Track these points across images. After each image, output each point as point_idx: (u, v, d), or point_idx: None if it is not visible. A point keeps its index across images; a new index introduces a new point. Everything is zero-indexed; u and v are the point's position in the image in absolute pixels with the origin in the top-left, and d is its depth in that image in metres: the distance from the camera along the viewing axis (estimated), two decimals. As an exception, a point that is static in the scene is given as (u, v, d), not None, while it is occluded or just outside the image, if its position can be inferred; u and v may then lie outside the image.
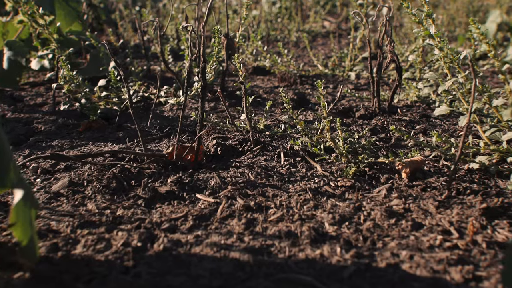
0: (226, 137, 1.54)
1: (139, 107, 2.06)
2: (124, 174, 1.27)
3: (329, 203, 1.13)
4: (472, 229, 0.94)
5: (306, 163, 1.38)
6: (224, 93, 2.34)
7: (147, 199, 1.16)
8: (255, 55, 3.34)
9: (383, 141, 1.63)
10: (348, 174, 1.27)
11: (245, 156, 1.42)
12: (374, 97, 1.96)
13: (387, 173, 1.30)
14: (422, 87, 2.19)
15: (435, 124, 1.83)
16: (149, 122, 1.78)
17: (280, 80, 2.73)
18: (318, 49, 4.11)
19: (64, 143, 1.59)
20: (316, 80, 2.81)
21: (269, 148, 1.48)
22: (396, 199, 1.13)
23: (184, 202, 1.15)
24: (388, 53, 1.86)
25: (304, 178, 1.28)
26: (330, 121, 1.32)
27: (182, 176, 1.26)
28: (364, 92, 2.50)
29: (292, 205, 1.12)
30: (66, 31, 2.76)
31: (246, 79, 2.86)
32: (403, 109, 2.05)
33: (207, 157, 1.43)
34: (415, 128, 1.77)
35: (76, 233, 0.99)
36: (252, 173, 1.29)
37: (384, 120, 1.82)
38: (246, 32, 3.35)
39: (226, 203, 1.13)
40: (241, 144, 1.49)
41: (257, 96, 2.33)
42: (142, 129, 1.73)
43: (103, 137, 1.66)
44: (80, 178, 1.25)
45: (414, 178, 1.27)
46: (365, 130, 1.58)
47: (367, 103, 2.23)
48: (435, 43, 1.37)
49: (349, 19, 6.06)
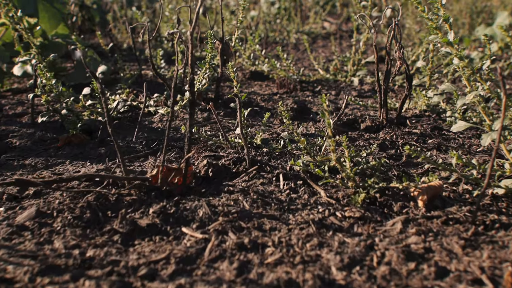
0: (219, 155, 1.38)
1: (126, 118, 1.90)
2: (100, 203, 1.10)
3: (335, 239, 0.97)
4: (510, 280, 0.78)
5: (308, 188, 1.22)
6: (219, 101, 2.18)
7: (125, 234, 1.00)
8: (253, 58, 3.18)
9: (393, 159, 1.47)
10: (357, 202, 1.11)
11: (239, 179, 1.26)
12: (381, 107, 1.80)
13: (400, 200, 1.14)
14: (432, 95, 2.03)
15: (448, 138, 1.67)
16: (135, 136, 1.62)
17: (279, 86, 2.57)
18: (319, 51, 3.95)
19: (38, 162, 1.43)
20: (317, 85, 2.66)
21: (266, 168, 1.32)
22: (414, 235, 0.97)
23: (168, 238, 0.99)
24: (397, 60, 1.70)
25: (306, 206, 1.12)
26: (335, 136, 1.16)
27: (167, 205, 1.09)
28: (369, 99, 2.34)
29: (292, 242, 0.96)
30: (52, 34, 2.60)
31: (243, 85, 2.70)
32: (412, 120, 1.89)
33: (197, 179, 1.27)
34: (427, 143, 1.61)
35: (35, 282, 0.83)
36: (247, 200, 1.13)
37: (393, 134, 1.66)
38: (243, 34, 3.19)
39: (216, 239, 0.97)
40: (236, 164, 1.33)
41: (255, 105, 2.17)
42: (126, 144, 1.57)
43: (83, 154, 1.50)
44: (50, 207, 1.09)
45: (432, 206, 1.11)
46: (373, 147, 1.42)
47: (372, 112, 2.07)
48: (454, 51, 1.21)
49: (350, 19, 5.90)
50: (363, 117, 1.93)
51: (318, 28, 5.10)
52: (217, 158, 1.36)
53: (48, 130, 1.73)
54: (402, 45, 1.69)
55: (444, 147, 1.57)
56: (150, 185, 1.18)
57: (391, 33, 1.73)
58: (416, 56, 2.78)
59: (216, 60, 2.30)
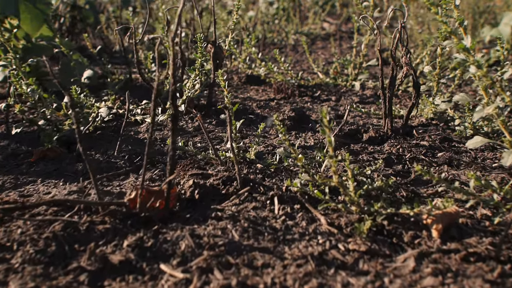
0: (207, 173, 1.24)
1: (110, 127, 1.76)
2: (68, 233, 0.96)
3: (338, 280, 0.83)
4: None
5: (306, 213, 1.08)
6: (213, 108, 2.05)
7: (93, 272, 0.86)
8: (249, 61, 3.04)
9: (401, 175, 1.33)
10: (362, 233, 0.97)
11: (229, 202, 1.12)
12: (386, 116, 1.66)
13: (412, 228, 1.00)
14: (440, 102, 1.89)
15: (459, 151, 1.53)
16: (117, 150, 1.48)
17: (276, 91, 2.43)
18: (318, 53, 3.81)
19: (7, 181, 1.29)
20: (317, 90, 2.52)
21: (260, 189, 1.18)
22: (430, 276, 0.83)
23: (143, 278, 0.85)
24: (404, 66, 1.56)
25: (304, 236, 0.98)
26: (337, 156, 1.02)
27: (144, 237, 0.95)
28: (371, 106, 2.20)
29: (288, 284, 0.82)
30: (36, 36, 2.46)
31: (239, 90, 2.56)
32: (419, 129, 1.75)
33: (182, 202, 1.13)
34: (436, 156, 1.48)
35: None
36: (236, 229, 0.99)
37: (399, 146, 1.52)
38: (239, 37, 3.05)
39: (199, 280, 0.83)
40: (225, 184, 1.19)
41: (250, 112, 2.03)
42: (107, 159, 1.43)
43: (58, 171, 1.36)
44: (10, 239, 0.95)
45: (448, 236, 0.98)
46: (378, 163, 1.29)
47: (375, 120, 1.93)
48: (470, 58, 1.07)
49: (349, 20, 5.76)
50: (366, 127, 1.79)
51: (318, 28, 4.96)
52: (205, 177, 1.22)
53: (23, 142, 1.59)
54: (408, 50, 1.56)
55: (455, 161, 1.43)
56: (127, 210, 1.04)
57: (396, 36, 1.59)
58: (421, 59, 2.64)
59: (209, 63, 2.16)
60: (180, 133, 1.72)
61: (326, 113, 0.98)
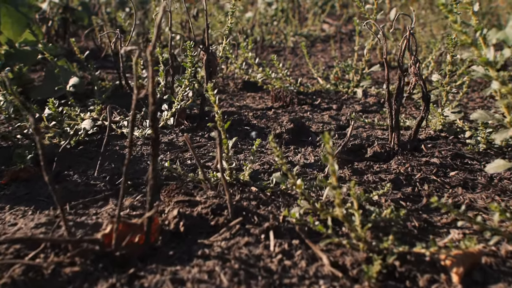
0: (195, 200, 1.10)
1: (93, 141, 1.63)
2: (30, 278, 0.83)
3: None
4: None
5: (306, 250, 0.95)
6: (206, 118, 1.91)
7: (55, 331, 0.72)
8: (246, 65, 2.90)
9: (411, 200, 1.20)
10: (371, 277, 0.84)
11: (218, 236, 0.99)
12: (393, 130, 1.53)
13: (427, 271, 0.87)
14: (449, 114, 1.76)
15: (473, 169, 1.40)
16: (97, 170, 1.34)
17: (274, 99, 2.30)
18: (318, 56, 3.68)
19: (-29, 208, 1.15)
20: (317, 98, 2.38)
21: (253, 219, 1.05)
22: (454, 338, 0.70)
23: (113, 338, 0.72)
24: (413, 76, 1.43)
25: (303, 280, 0.85)
26: (341, 187, 0.89)
27: (117, 283, 0.82)
28: (375, 115, 2.07)
29: None
30: (20, 41, 2.32)
31: (235, 97, 2.43)
32: (428, 144, 1.62)
33: (165, 235, 0.99)
34: (448, 176, 1.34)
35: None
36: (225, 271, 0.86)
37: (408, 165, 1.39)
38: (235, 40, 2.91)
39: None
40: (215, 213, 1.05)
41: (246, 123, 1.90)
42: (85, 181, 1.30)
43: (30, 195, 1.22)
44: (-38, 285, 0.82)
45: (470, 281, 0.84)
46: (386, 186, 1.15)
47: (380, 132, 1.80)
48: (493, 73, 0.94)
49: (350, 21, 5.63)
50: (370, 140, 1.66)
51: (317, 30, 4.83)
52: (192, 205, 1.09)
53: (-4, 160, 1.45)
54: (417, 59, 1.42)
55: (470, 182, 1.30)
56: (101, 248, 0.91)
57: (403, 43, 1.46)
58: (426, 64, 2.51)
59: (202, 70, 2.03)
60: (169, 148, 1.59)
61: (328, 138, 0.85)
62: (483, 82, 2.79)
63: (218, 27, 3.61)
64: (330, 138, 0.85)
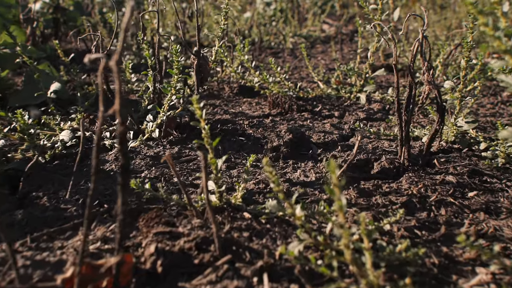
0: (177, 232, 0.95)
1: (71, 155, 1.47)
2: None
3: None
4: None
5: (307, 297, 0.79)
6: (197, 128, 1.76)
7: None
8: (243, 68, 2.75)
9: (426, 228, 1.05)
10: (387, 339, 0.68)
11: (203, 279, 0.83)
12: (403, 144, 1.37)
13: (455, 327, 0.72)
14: (463, 124, 1.61)
15: (493, 188, 1.25)
16: (69, 191, 1.18)
17: (272, 105, 2.14)
18: (318, 58, 3.52)
19: None
20: (317, 103, 2.23)
21: (245, 255, 0.89)
22: None
23: None
24: (426, 84, 1.28)
25: None
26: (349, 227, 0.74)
27: None
28: (380, 123, 1.92)
29: None
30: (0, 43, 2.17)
31: (230, 103, 2.27)
32: (441, 158, 1.47)
33: (140, 277, 0.84)
34: (467, 197, 1.19)
35: None
36: (209, 328, 0.71)
37: (421, 185, 1.23)
38: (231, 42, 2.75)
39: None
40: (200, 248, 0.90)
41: (241, 133, 1.74)
42: (55, 203, 1.14)
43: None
44: None
45: None
46: (398, 213, 1.00)
47: (387, 144, 1.65)
48: (530, 85, 0.78)
49: (350, 21, 5.48)
50: (377, 153, 1.50)
51: (317, 31, 4.68)
52: (173, 237, 0.93)
53: (-41, 178, 1.30)
54: (431, 65, 1.27)
55: (492, 205, 1.14)
56: (59, 297, 0.76)
57: (415, 48, 1.31)
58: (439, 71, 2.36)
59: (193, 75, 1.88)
60: (155, 162, 1.43)
61: (334, 166, 0.70)
62: (492, 86, 2.64)
63: (215, 27, 3.45)
64: (336, 167, 0.69)
